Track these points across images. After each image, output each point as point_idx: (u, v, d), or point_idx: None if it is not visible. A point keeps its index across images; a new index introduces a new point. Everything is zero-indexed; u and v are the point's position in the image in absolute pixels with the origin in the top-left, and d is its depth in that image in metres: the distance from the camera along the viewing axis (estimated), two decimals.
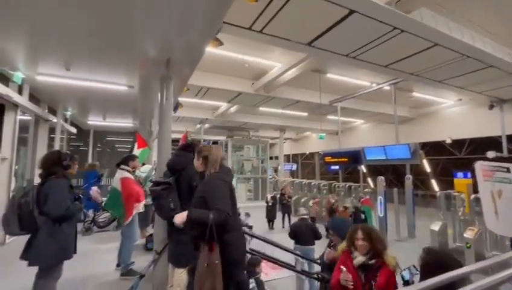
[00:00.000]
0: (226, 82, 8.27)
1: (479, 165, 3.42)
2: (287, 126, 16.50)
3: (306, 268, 4.21)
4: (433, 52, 5.49)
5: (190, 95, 9.54)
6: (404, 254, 6.64)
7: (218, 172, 2.04)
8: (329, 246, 2.49)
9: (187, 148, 2.58)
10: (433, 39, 4.97)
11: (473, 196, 6.68)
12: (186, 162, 2.44)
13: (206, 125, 16.31)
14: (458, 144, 12.45)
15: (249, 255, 3.89)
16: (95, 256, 4.43)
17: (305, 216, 5.06)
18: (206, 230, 1.70)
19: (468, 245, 5.71)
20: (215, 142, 20.81)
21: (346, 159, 9.00)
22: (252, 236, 3.84)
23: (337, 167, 12.02)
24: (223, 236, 1.81)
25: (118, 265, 3.70)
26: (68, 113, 7.95)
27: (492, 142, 10.63)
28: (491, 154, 9.65)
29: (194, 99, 10.54)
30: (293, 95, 9.57)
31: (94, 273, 3.69)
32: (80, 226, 5.93)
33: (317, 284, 3.97)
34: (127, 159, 3.86)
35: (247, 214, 8.05)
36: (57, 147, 7.17)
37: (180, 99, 9.48)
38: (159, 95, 3.25)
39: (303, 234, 4.61)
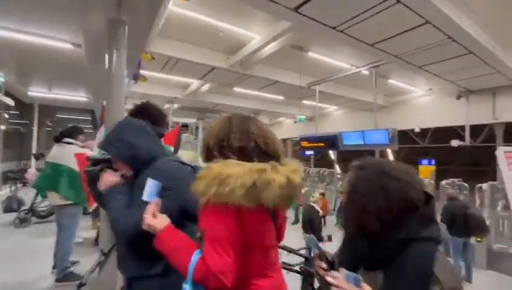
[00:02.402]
0: (198, 54, 7.34)
1: (502, 153, 3.10)
2: (261, 110, 15.92)
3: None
4: (422, 31, 5.22)
5: (156, 68, 8.43)
6: None
7: None
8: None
9: (138, 114, 1.82)
10: (426, 15, 4.65)
11: (443, 182, 6.87)
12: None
13: (176, 106, 15.06)
14: (421, 133, 13.00)
15: None
16: (28, 254, 3.53)
17: (313, 204, 5.29)
18: None
19: None
20: (184, 126, 19.56)
21: (322, 144, 8.77)
22: None
23: (312, 153, 11.85)
24: None
25: (55, 267, 2.89)
26: (0, 80, 6.46)
27: (453, 132, 11.21)
28: (455, 143, 10.14)
29: (161, 74, 9.40)
30: (271, 74, 8.94)
31: (23, 279, 2.86)
32: (13, 216, 4.88)
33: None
34: (73, 132, 2.96)
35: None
36: None
37: (145, 73, 8.34)
38: (107, 45, 2.40)
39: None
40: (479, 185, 6.27)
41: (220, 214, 0.92)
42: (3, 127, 10.23)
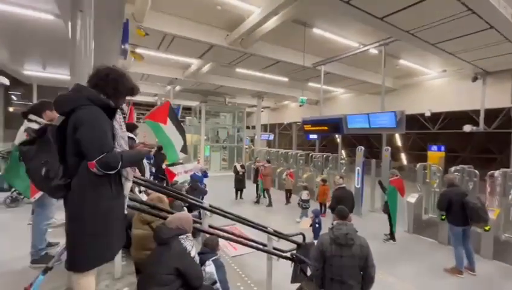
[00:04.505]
0: (195, 30, 6.92)
1: None
2: (265, 92, 15.49)
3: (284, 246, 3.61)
4: (438, 2, 4.70)
5: (152, 45, 8.07)
6: (373, 224, 6.32)
7: None
8: None
9: (94, 80, 1.52)
10: None
11: (452, 168, 6.49)
12: (81, 99, 1.43)
13: (177, 88, 14.76)
14: (432, 118, 12.40)
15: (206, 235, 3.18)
16: (11, 235, 3.46)
17: (343, 185, 5.59)
18: None
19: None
20: (187, 109, 19.24)
21: (326, 128, 8.42)
22: (213, 211, 3.10)
23: (315, 136, 11.51)
24: None
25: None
26: None
27: (466, 117, 10.62)
28: (467, 128, 9.61)
29: (159, 53, 9.04)
30: (273, 53, 8.47)
31: (0, 258, 2.77)
32: (3, 196, 4.84)
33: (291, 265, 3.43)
34: (40, 107, 2.69)
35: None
36: None
37: (142, 52, 8.01)
38: (70, 8, 2.10)
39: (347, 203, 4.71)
40: (491, 172, 5.88)
41: None
42: (11, 109, 10.22)
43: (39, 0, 3.73)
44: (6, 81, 7.65)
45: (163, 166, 5.85)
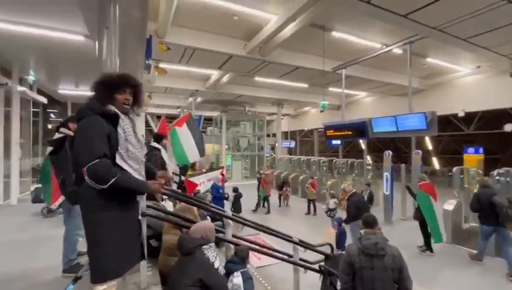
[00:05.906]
0: (214, 42, 7.09)
1: None
2: (285, 100, 15.42)
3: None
4: None
5: (174, 59, 8.37)
6: (405, 234, 5.84)
7: None
8: None
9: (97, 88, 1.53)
10: None
11: (495, 172, 5.91)
12: (85, 109, 1.47)
13: (199, 99, 15.16)
14: (467, 117, 11.51)
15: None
16: (46, 245, 3.63)
17: (354, 190, 5.59)
18: None
19: None
20: (208, 119, 19.67)
21: (350, 132, 8.11)
22: (240, 222, 3.03)
23: (338, 142, 11.14)
24: None
25: None
26: (31, 78, 6.84)
27: (506, 115, 9.73)
28: (509, 127, 8.81)
29: (180, 66, 9.36)
30: (292, 60, 8.41)
31: (34, 268, 2.91)
32: (40, 207, 5.16)
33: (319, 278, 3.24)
34: (67, 120, 2.83)
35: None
36: (16, 119, 6.17)
37: (165, 66, 8.35)
38: (98, 27, 2.21)
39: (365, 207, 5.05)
40: None
41: None
42: (49, 126, 11.08)
43: (71, 23, 4.01)
44: (44, 100, 8.30)
45: (182, 178, 5.94)
